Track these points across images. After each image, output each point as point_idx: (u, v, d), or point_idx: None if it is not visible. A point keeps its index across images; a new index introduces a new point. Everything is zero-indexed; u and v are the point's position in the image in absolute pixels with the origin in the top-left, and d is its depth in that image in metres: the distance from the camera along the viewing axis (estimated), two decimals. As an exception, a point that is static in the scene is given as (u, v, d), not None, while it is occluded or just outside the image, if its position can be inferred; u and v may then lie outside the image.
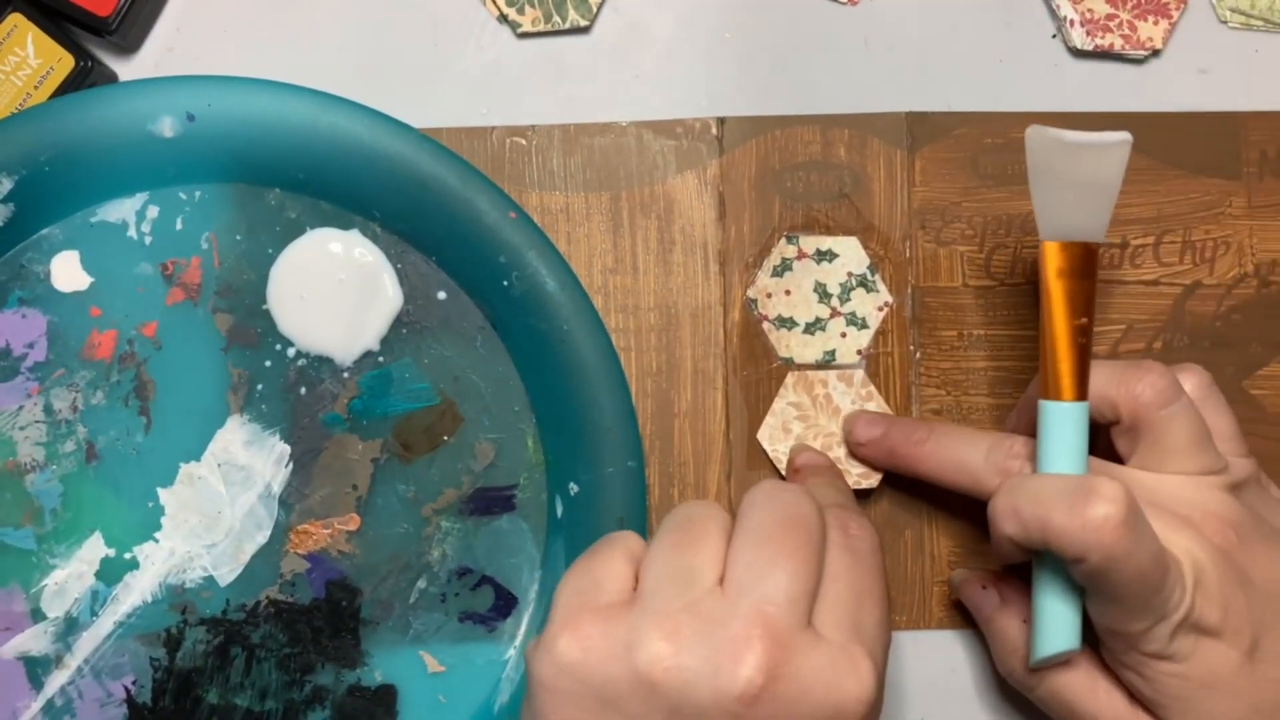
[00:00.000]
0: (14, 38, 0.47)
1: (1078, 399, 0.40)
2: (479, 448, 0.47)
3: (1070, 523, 0.37)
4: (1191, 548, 0.39)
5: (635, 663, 0.35)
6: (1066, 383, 0.40)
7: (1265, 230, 0.49)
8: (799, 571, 0.36)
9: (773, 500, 0.37)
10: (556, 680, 0.35)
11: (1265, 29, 0.50)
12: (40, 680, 0.46)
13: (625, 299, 0.49)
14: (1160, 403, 0.40)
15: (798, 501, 0.37)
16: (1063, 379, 0.40)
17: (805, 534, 0.36)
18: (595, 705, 0.35)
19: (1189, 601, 0.38)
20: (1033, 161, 0.41)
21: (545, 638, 0.36)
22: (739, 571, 0.36)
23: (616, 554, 0.38)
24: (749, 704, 0.34)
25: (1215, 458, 0.40)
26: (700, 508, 0.38)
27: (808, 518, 0.37)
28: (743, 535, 0.36)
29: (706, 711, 0.34)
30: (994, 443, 0.42)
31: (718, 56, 0.50)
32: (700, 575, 0.36)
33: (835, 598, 0.36)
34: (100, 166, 0.46)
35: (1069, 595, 0.40)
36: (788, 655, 0.34)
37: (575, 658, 0.35)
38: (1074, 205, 0.40)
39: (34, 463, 0.47)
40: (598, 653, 0.35)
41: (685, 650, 0.34)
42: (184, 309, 0.47)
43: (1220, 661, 0.39)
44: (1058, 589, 0.40)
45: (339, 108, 0.46)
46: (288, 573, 0.47)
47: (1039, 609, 0.41)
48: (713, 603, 0.35)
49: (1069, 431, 0.40)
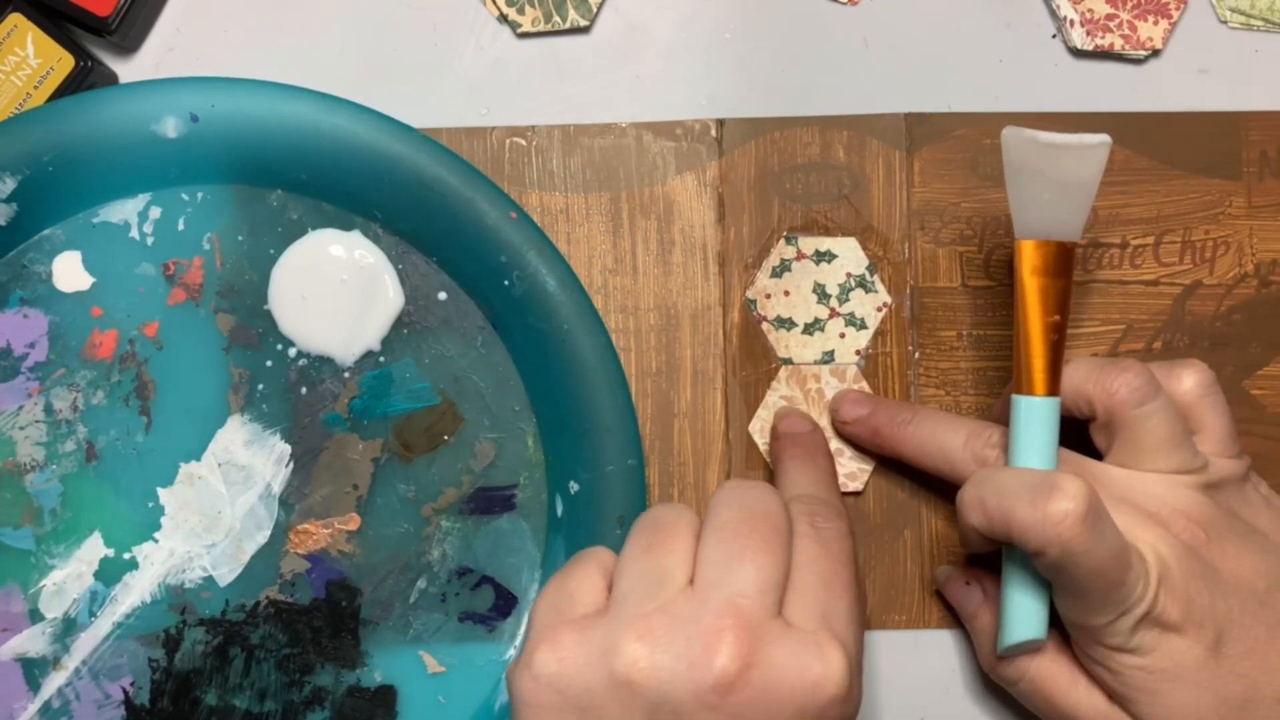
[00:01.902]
0: (14, 38, 0.47)
1: (1049, 394, 0.41)
2: (479, 447, 0.47)
3: (1031, 516, 0.38)
4: (1157, 544, 0.39)
5: (612, 667, 0.35)
6: (1039, 378, 0.41)
7: (1265, 230, 0.49)
8: (767, 564, 0.37)
9: (738, 497, 0.38)
10: (535, 695, 0.36)
11: (1265, 29, 0.50)
12: (38, 682, 0.46)
13: (625, 299, 0.49)
14: (1135, 401, 0.41)
15: (762, 497, 0.38)
16: (1035, 374, 0.41)
17: (771, 528, 0.37)
18: (575, 714, 0.36)
19: (1151, 597, 0.39)
20: (1009, 161, 0.42)
21: (523, 655, 0.37)
22: (708, 569, 0.37)
23: (589, 568, 0.39)
24: (724, 693, 0.35)
25: (1191, 457, 0.41)
26: (668, 510, 0.39)
27: (773, 512, 0.38)
28: (711, 533, 0.37)
29: (684, 706, 0.35)
30: (973, 431, 0.44)
31: (718, 57, 0.50)
32: (671, 576, 0.37)
33: (804, 587, 0.37)
34: (103, 167, 0.47)
35: (1036, 586, 0.41)
36: (760, 644, 0.35)
37: (553, 669, 0.36)
38: (1049, 205, 0.41)
39: (34, 462, 0.47)
40: (574, 662, 0.36)
41: (660, 649, 0.35)
42: (185, 309, 0.47)
43: (1184, 656, 0.39)
44: (1026, 580, 0.41)
45: (341, 109, 0.46)
46: (288, 573, 0.47)
47: (1007, 598, 0.42)
48: (684, 601, 0.36)
49: (1039, 426, 0.41)
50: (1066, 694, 0.42)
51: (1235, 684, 0.40)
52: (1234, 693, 0.40)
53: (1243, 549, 0.41)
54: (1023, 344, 0.42)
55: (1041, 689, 0.43)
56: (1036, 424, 0.41)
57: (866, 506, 0.48)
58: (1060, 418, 0.41)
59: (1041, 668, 0.43)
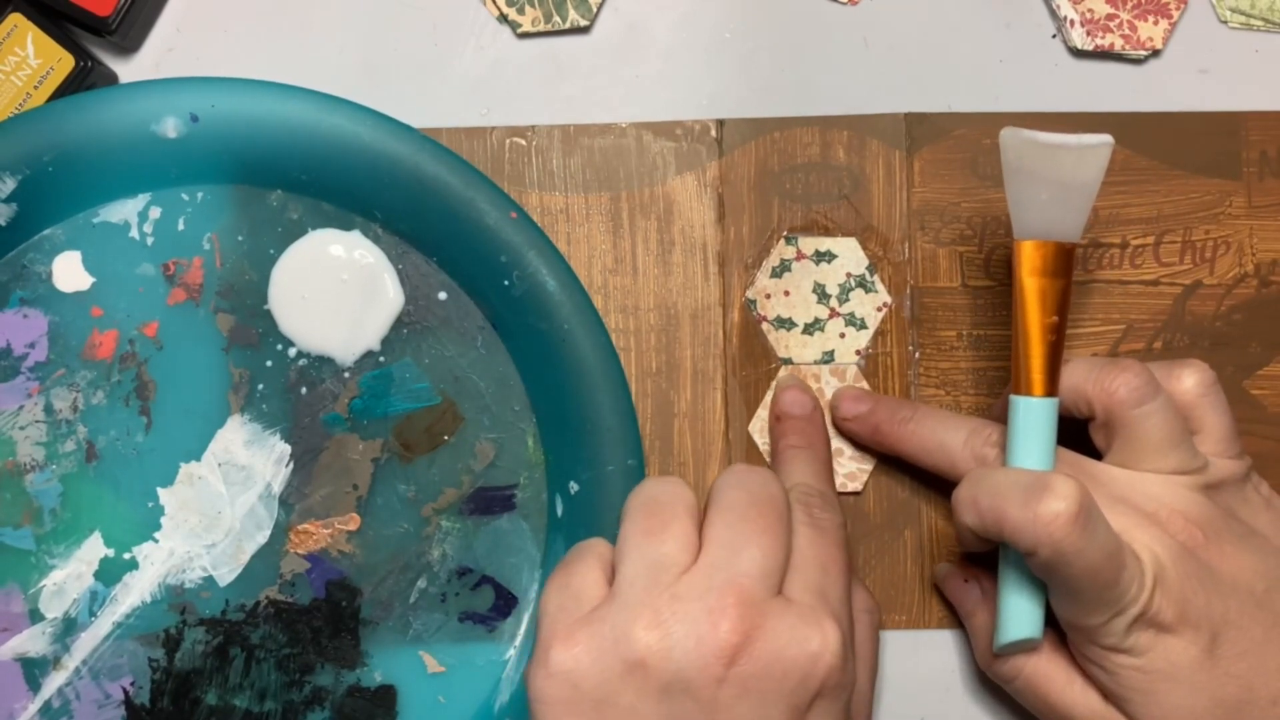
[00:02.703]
0: (14, 38, 0.47)
1: (1047, 395, 0.41)
2: (479, 447, 0.47)
3: (1022, 516, 0.38)
4: (1153, 545, 0.40)
5: (624, 655, 0.36)
6: (1036, 379, 0.41)
7: (1265, 230, 0.49)
8: (770, 547, 0.38)
9: (743, 481, 0.39)
10: (552, 691, 0.37)
11: (1265, 29, 0.50)
12: (38, 681, 0.46)
13: (625, 299, 0.49)
14: (1135, 401, 0.41)
15: (766, 483, 0.39)
16: (1033, 375, 0.41)
17: (775, 513, 0.39)
18: (591, 707, 0.37)
19: (1146, 597, 0.39)
20: (1007, 162, 0.42)
21: (537, 654, 0.38)
22: (713, 549, 0.38)
23: (588, 561, 0.39)
24: (729, 663, 0.36)
25: (1190, 457, 0.41)
26: (663, 489, 0.39)
27: (776, 498, 0.39)
28: (717, 515, 0.38)
29: (695, 682, 0.36)
30: (974, 429, 0.44)
31: (718, 57, 0.50)
32: (674, 560, 0.38)
33: (803, 569, 0.38)
34: (103, 167, 0.47)
35: (1032, 586, 0.41)
36: (762, 617, 0.36)
37: (569, 665, 0.37)
38: (1049, 206, 0.41)
39: (34, 462, 0.47)
40: (589, 654, 0.37)
41: (669, 631, 0.36)
42: (185, 309, 0.47)
43: (1179, 657, 0.40)
44: (1021, 579, 0.41)
45: (341, 109, 0.46)
46: (288, 573, 0.47)
47: (1003, 597, 0.42)
48: (688, 583, 0.37)
49: (1037, 426, 0.41)
50: (1062, 692, 0.42)
51: (1230, 685, 0.40)
52: (1229, 694, 0.40)
53: (1241, 550, 0.41)
54: (1021, 345, 0.42)
55: (1037, 687, 0.43)
56: (1034, 425, 0.41)
57: (866, 506, 0.48)
58: (1059, 418, 0.41)
59: (1037, 666, 0.43)
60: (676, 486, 0.39)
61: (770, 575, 0.37)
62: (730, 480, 0.39)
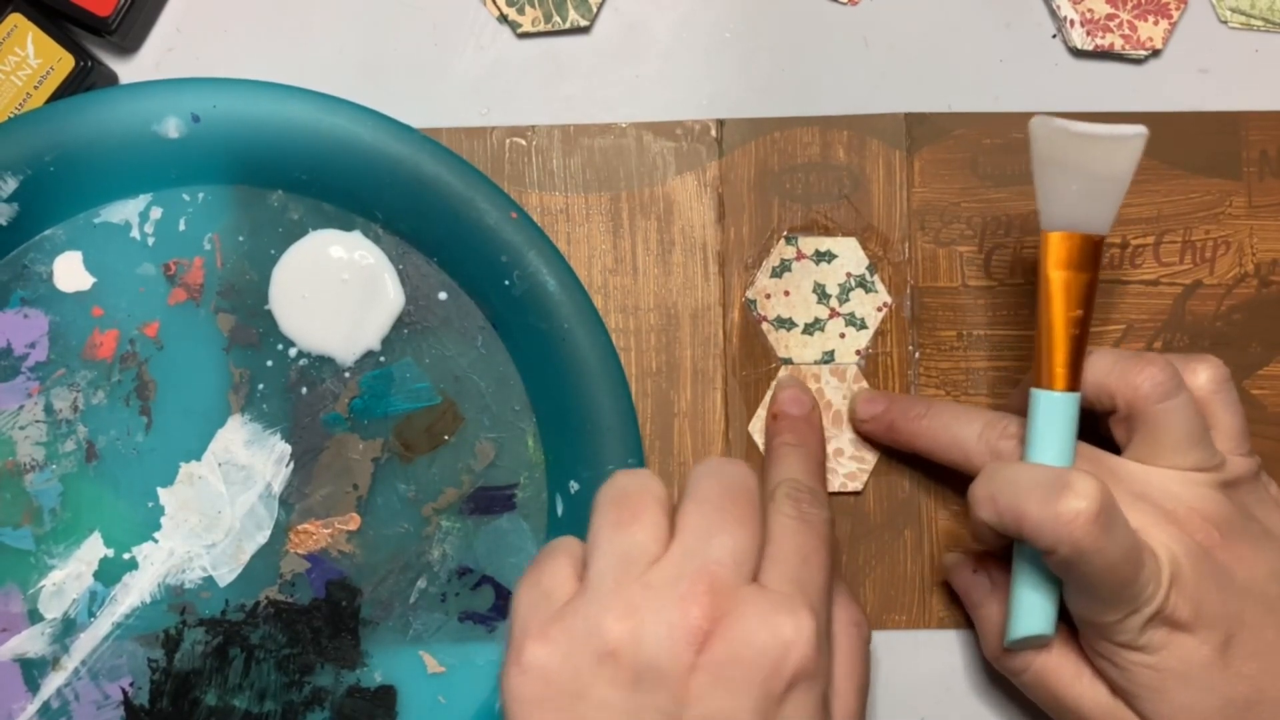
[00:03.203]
0: (14, 38, 0.47)
1: (1069, 389, 0.41)
2: (479, 447, 0.47)
3: (1043, 515, 0.38)
4: (1171, 543, 0.39)
5: (596, 647, 0.36)
6: (1059, 373, 0.41)
7: (1265, 230, 0.49)
8: (743, 535, 0.37)
9: (717, 472, 0.39)
10: (525, 689, 0.36)
11: (1265, 29, 0.50)
12: (37, 682, 0.46)
13: (625, 299, 0.49)
14: (1158, 396, 0.40)
15: (741, 474, 0.39)
16: (1055, 369, 0.41)
17: (748, 503, 0.38)
18: (565, 702, 0.36)
19: (1162, 596, 0.39)
20: (1036, 151, 0.41)
21: (510, 653, 0.37)
22: (686, 537, 0.37)
23: (558, 559, 0.39)
24: (699, 649, 0.35)
25: (1210, 455, 0.41)
26: (632, 480, 0.39)
27: (750, 489, 0.39)
28: (690, 504, 0.38)
29: (666, 670, 0.35)
30: (988, 422, 0.43)
31: (718, 57, 0.50)
32: (645, 549, 0.37)
33: (781, 557, 0.38)
34: (104, 167, 0.47)
35: (1046, 581, 0.41)
36: (734, 604, 0.36)
37: (541, 661, 0.36)
38: (1079, 197, 0.40)
39: (34, 462, 0.47)
40: (561, 649, 0.36)
41: (640, 619, 0.36)
42: (186, 309, 0.47)
43: (1192, 656, 0.39)
44: (1036, 575, 0.41)
45: (341, 109, 0.46)
46: (288, 573, 0.47)
47: (1016, 592, 0.42)
48: (659, 571, 0.37)
49: (1058, 421, 0.41)
50: (1070, 687, 0.42)
51: (1241, 685, 0.40)
52: (1240, 694, 0.40)
53: (1257, 551, 0.40)
54: (1044, 338, 0.41)
55: (1045, 681, 0.43)
56: (1055, 419, 0.41)
57: (866, 506, 0.48)
58: (1080, 412, 0.41)
59: (1047, 660, 0.43)
60: (645, 478, 0.39)
61: (743, 563, 0.37)
62: (704, 470, 0.39)
